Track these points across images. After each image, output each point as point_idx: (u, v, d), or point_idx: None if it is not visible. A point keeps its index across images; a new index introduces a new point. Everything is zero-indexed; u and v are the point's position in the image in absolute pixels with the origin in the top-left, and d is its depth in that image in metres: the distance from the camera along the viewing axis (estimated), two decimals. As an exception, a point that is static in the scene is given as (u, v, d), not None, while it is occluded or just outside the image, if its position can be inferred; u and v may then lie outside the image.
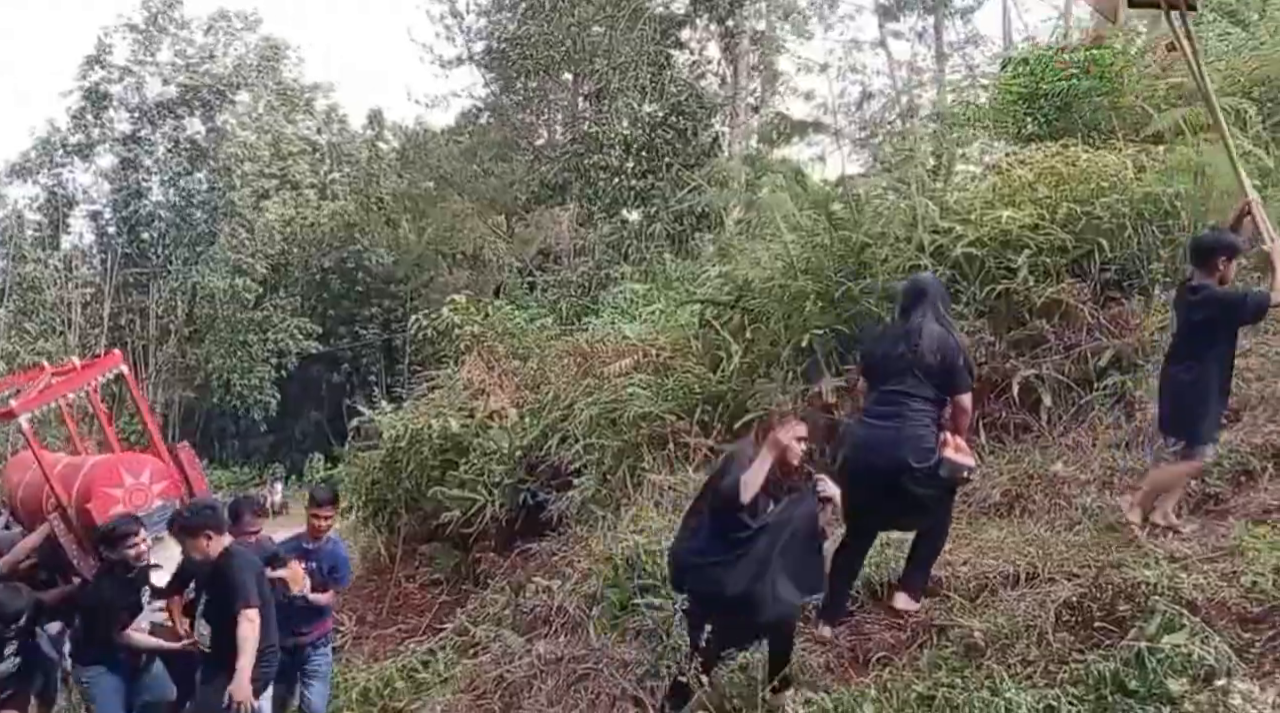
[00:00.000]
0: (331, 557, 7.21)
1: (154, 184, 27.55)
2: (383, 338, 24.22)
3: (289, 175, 25.26)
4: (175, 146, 27.42)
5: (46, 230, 25.12)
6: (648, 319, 11.56)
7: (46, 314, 20.85)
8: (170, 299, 22.78)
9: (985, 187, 8.53)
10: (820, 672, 5.35)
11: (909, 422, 5.30)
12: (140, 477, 7.55)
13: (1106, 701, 4.10)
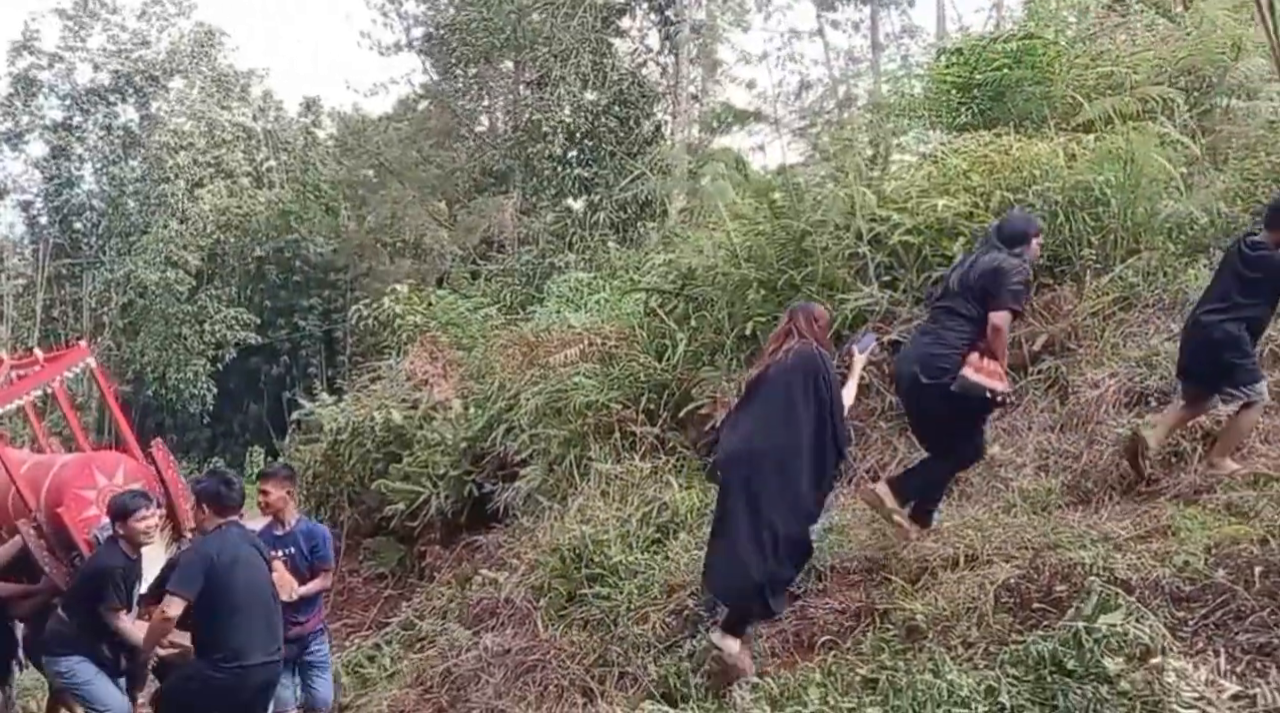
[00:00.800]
0: (308, 536, 6.65)
1: (86, 173, 26.91)
2: (323, 329, 23.90)
3: (223, 163, 24.80)
4: (108, 133, 26.80)
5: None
6: (593, 308, 11.57)
7: (-28, 306, 20.29)
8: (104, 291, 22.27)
9: (921, 175, 8.65)
10: (766, 656, 5.43)
11: (938, 339, 5.53)
12: (114, 477, 7.10)
13: (1045, 680, 4.17)
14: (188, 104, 26.18)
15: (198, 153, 24.21)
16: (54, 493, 6.93)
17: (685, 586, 6.24)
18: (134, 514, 6.10)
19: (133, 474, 7.16)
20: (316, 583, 6.63)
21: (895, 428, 7.19)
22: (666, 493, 7.42)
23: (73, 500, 6.86)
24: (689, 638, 5.78)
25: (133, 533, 6.13)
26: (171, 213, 23.41)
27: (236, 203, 23.92)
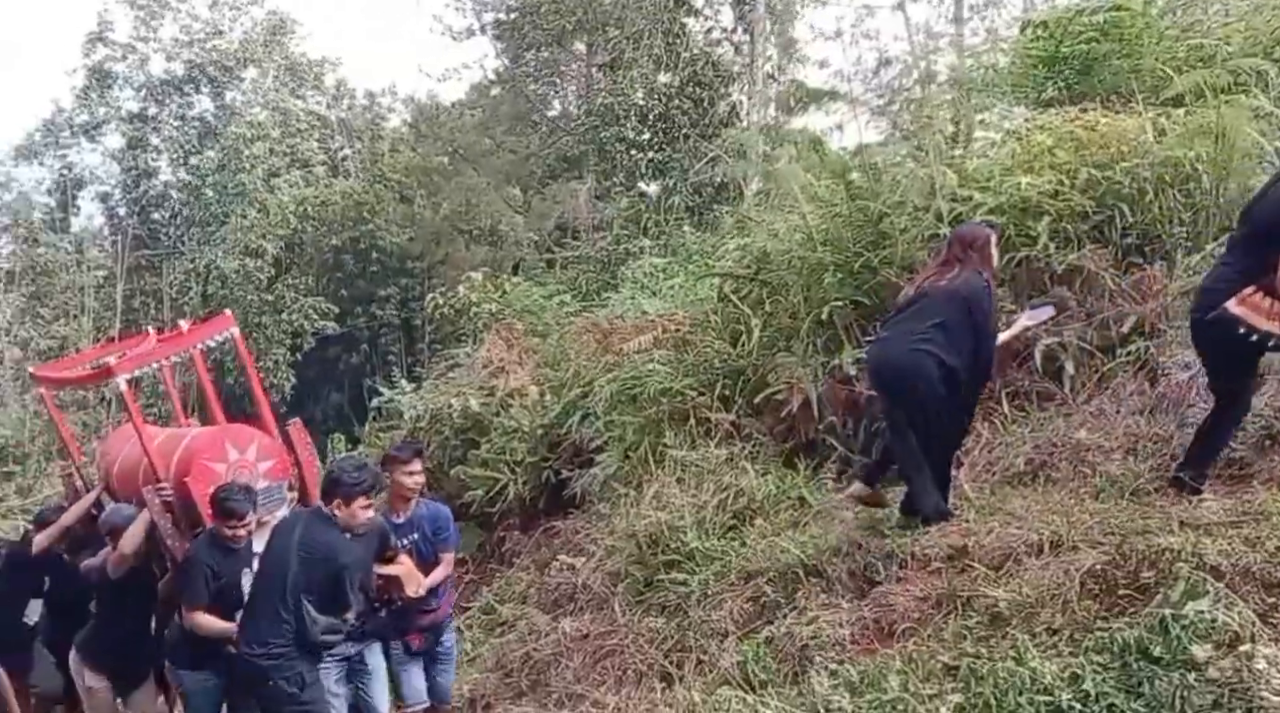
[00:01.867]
0: (432, 520, 6.27)
1: (163, 164, 27.32)
2: (401, 317, 24.18)
3: (299, 153, 25.17)
4: (183, 124, 27.26)
5: (56, 213, 25.05)
6: (667, 294, 11.54)
7: (60, 298, 20.84)
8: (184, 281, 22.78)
9: (1004, 153, 8.45)
10: (845, 644, 5.38)
11: (1217, 274, 5.44)
12: (246, 452, 6.69)
13: (1131, 668, 4.09)
14: (262, 93, 26.53)
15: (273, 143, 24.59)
16: (183, 463, 6.64)
17: (762, 572, 6.20)
18: (230, 517, 5.94)
19: (266, 451, 6.83)
20: (441, 570, 6.27)
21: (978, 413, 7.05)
22: (742, 479, 7.38)
23: (201, 471, 6.52)
24: (766, 624, 5.75)
25: (221, 535, 6.00)
26: (249, 202, 23.81)
27: (313, 193, 24.25)
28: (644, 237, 15.68)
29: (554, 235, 19.66)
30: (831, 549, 6.03)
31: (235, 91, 27.49)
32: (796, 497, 7.15)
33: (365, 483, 5.44)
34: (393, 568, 5.88)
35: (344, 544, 5.45)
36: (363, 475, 5.49)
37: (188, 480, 6.46)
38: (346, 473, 5.52)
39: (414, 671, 6.29)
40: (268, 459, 6.76)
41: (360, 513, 5.45)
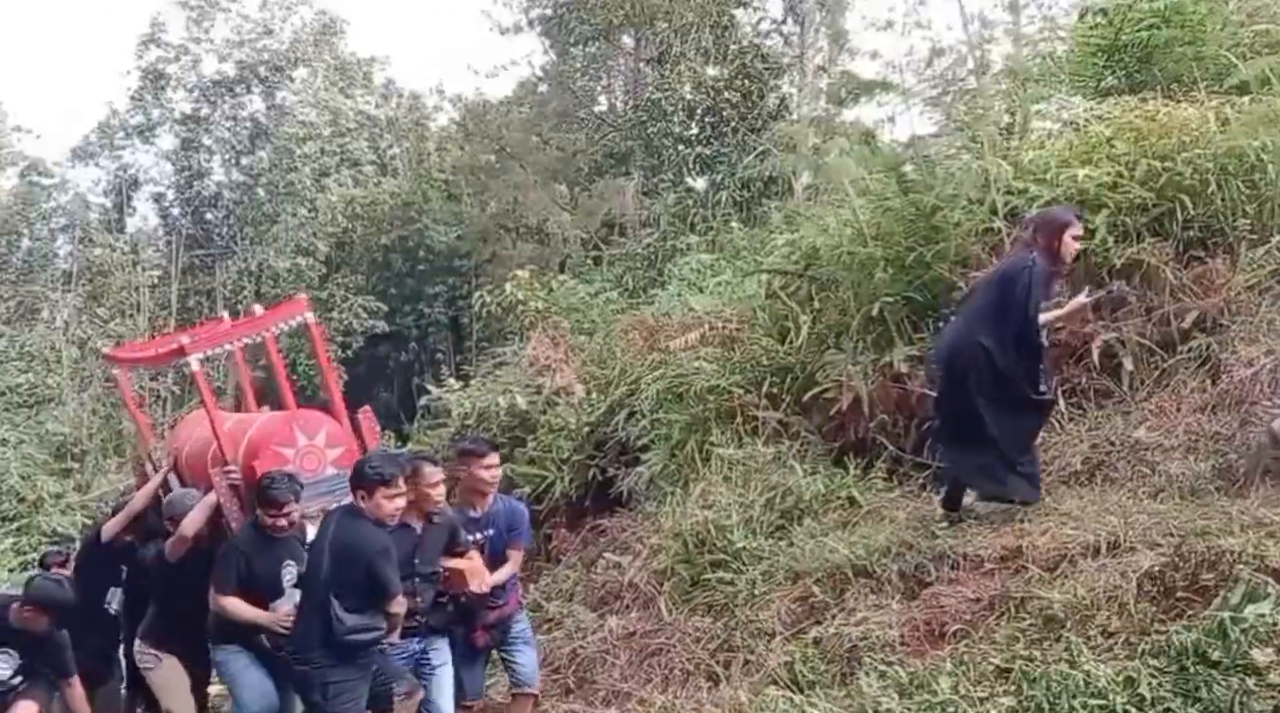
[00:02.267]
0: (508, 516, 6.11)
1: (215, 164, 27.70)
2: (448, 315, 24.30)
3: (348, 152, 25.41)
4: (235, 125, 27.60)
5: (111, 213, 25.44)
6: (715, 291, 11.46)
7: (116, 297, 21.19)
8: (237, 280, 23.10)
9: (1061, 145, 8.27)
10: (895, 645, 5.28)
11: None
12: (315, 438, 6.59)
13: (1189, 672, 3.99)
14: (312, 93, 26.78)
15: (324, 142, 24.83)
16: (252, 447, 6.56)
17: (810, 572, 6.11)
18: (271, 505, 5.83)
19: (335, 438, 6.69)
20: (508, 567, 6.10)
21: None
22: (790, 478, 7.29)
23: (269, 456, 6.42)
24: (814, 625, 5.67)
25: (261, 523, 5.90)
26: (300, 201, 24.08)
27: (362, 192, 24.46)
28: (691, 233, 15.61)
29: (601, 232, 19.63)
30: (881, 550, 5.93)
31: (286, 91, 27.76)
32: (846, 496, 7.05)
33: (384, 473, 5.30)
34: (458, 562, 5.74)
35: (372, 535, 5.30)
36: (382, 466, 5.38)
37: (255, 464, 6.36)
38: (367, 463, 5.47)
39: (477, 668, 6.19)
40: (336, 446, 6.64)
41: (385, 504, 5.30)
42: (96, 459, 17.38)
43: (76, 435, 17.72)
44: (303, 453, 6.50)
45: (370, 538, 5.29)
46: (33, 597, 6.01)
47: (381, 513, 5.30)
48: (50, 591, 6.10)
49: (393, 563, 5.27)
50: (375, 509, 5.30)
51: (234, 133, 27.43)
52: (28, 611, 5.97)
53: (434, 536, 5.65)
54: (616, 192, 19.75)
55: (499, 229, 21.50)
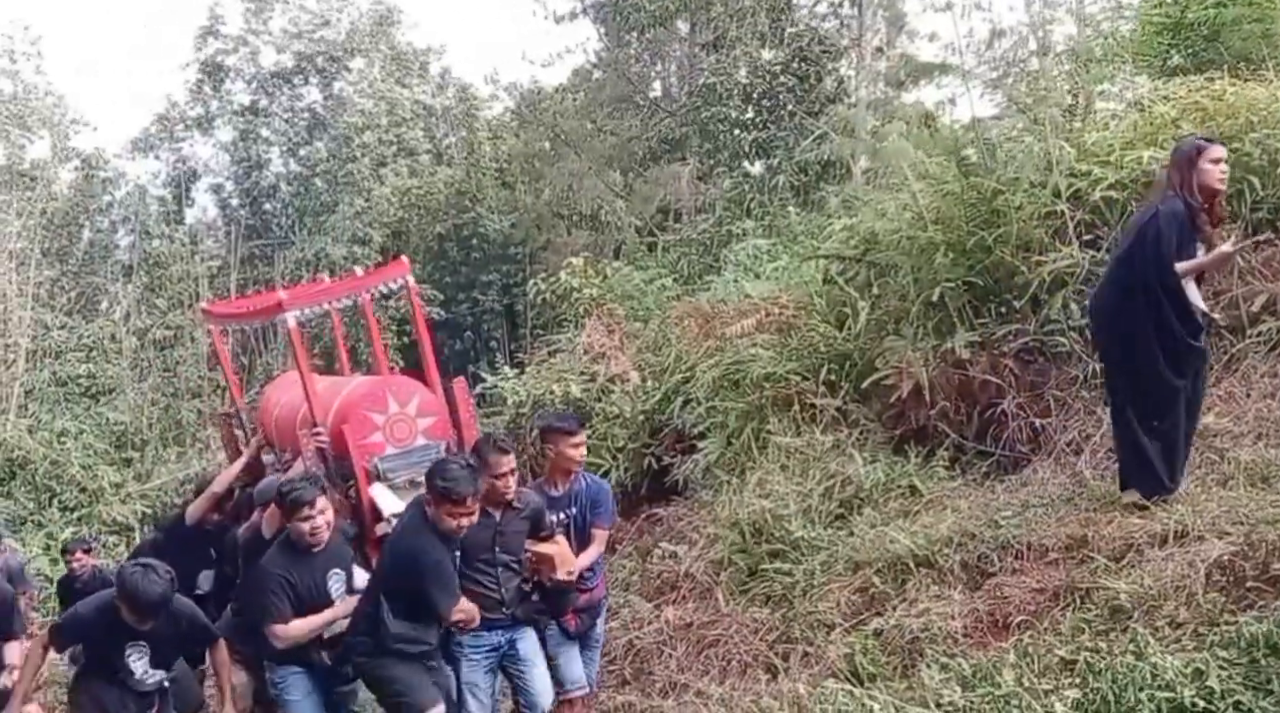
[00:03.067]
0: (592, 494, 5.72)
1: (273, 155, 27.98)
2: (503, 303, 24.41)
3: (405, 142, 25.57)
4: (293, 116, 27.86)
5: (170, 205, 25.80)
6: (771, 276, 11.38)
7: (174, 288, 21.52)
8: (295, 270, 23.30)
9: (1125, 126, 8.10)
10: (957, 637, 5.23)
11: None
12: (407, 405, 6.25)
13: (1259, 664, 3.90)
14: (369, 83, 26.97)
15: (381, 132, 25.00)
16: (342, 411, 6.25)
17: (871, 563, 6.07)
18: (298, 510, 5.23)
19: (427, 406, 6.33)
20: (595, 548, 5.75)
21: (1098, 397, 6.79)
22: (849, 467, 7.24)
23: (358, 421, 6.10)
24: (875, 616, 5.63)
25: (294, 536, 5.30)
26: (357, 191, 24.28)
27: (417, 182, 24.61)
28: (747, 218, 15.50)
29: (655, 218, 19.59)
30: (943, 539, 5.87)
31: (343, 82, 27.99)
32: (907, 485, 6.98)
33: (454, 492, 4.83)
34: (545, 547, 5.40)
35: (428, 548, 4.95)
36: (454, 484, 4.85)
37: (345, 429, 6.06)
38: (441, 474, 4.93)
39: (572, 654, 5.74)
40: (428, 416, 6.30)
41: (447, 520, 4.89)
42: (156, 449, 17.69)
43: (136, 425, 18.02)
44: (393, 420, 6.20)
45: (425, 552, 4.96)
46: (132, 599, 5.11)
47: (444, 527, 4.96)
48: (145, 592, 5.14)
49: (444, 580, 4.97)
50: (438, 521, 4.95)
51: (291, 124, 27.70)
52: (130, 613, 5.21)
53: (515, 522, 5.34)
54: (672, 177, 19.71)
55: (553, 217, 21.53)
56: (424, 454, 6.12)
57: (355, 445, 6.06)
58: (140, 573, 5.08)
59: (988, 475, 6.92)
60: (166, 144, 27.88)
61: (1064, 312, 7.10)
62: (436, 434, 6.31)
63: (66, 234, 24.52)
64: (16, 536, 13.96)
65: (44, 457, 16.05)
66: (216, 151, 28.02)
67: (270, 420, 7.33)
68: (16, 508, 15.32)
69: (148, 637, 5.22)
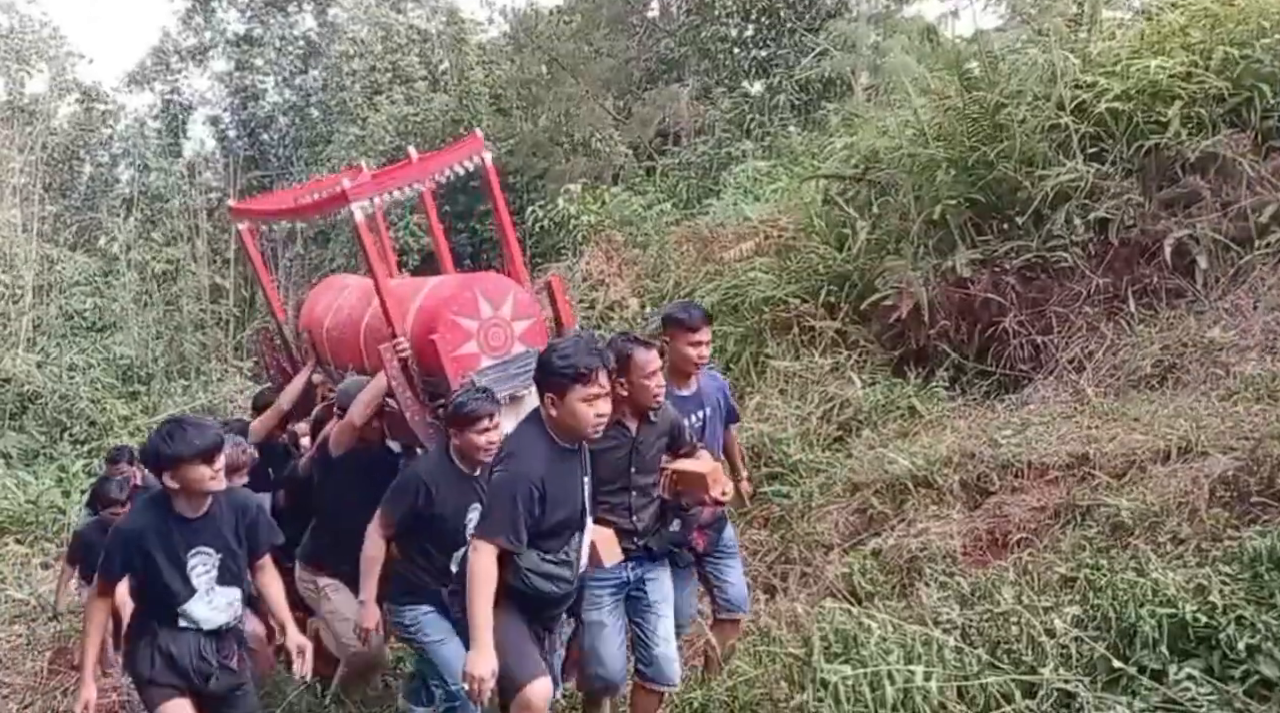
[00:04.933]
0: (718, 390, 5.05)
1: (269, 85, 27.57)
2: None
3: (400, 69, 25.13)
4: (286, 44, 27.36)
5: (167, 138, 25.52)
6: (771, 198, 11.22)
7: (173, 222, 21.33)
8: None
9: (1133, 34, 7.87)
10: (956, 555, 5.20)
11: None
12: (501, 308, 5.29)
13: (1262, 578, 3.85)
14: (363, 9, 26.45)
15: (375, 59, 24.59)
16: (425, 318, 5.30)
17: (869, 484, 6.04)
18: (472, 422, 4.47)
19: (523, 309, 5.40)
20: (735, 455, 5.27)
21: (1101, 313, 6.69)
22: (848, 389, 7.20)
23: (448, 330, 5.17)
24: (873, 536, 5.60)
25: (469, 446, 4.51)
26: (352, 120, 23.95)
27: (413, 109, 24.24)
28: (747, 139, 15.26)
29: (655, 142, 19.27)
30: (942, 459, 5.84)
31: (337, 8, 27.44)
32: (906, 406, 6.93)
33: (585, 363, 3.83)
34: (689, 464, 4.47)
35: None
36: (579, 353, 3.88)
37: (434, 338, 5.12)
38: (557, 352, 3.93)
39: (687, 588, 4.95)
40: (524, 319, 5.36)
41: (582, 406, 3.83)
42: (162, 381, 17.75)
43: (141, 358, 18.04)
44: (487, 326, 5.25)
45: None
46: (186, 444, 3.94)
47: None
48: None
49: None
50: (561, 425, 3.93)
51: (284, 53, 27.25)
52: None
53: (652, 436, 4.41)
54: (670, 99, 19.31)
55: (551, 144, 21.19)
56: (523, 364, 5.15)
57: (448, 358, 5.11)
58: (175, 422, 4.03)
59: (988, 395, 6.86)
60: (162, 77, 27.46)
61: (1067, 227, 6.96)
62: (533, 340, 5.33)
63: (68, 169, 24.26)
64: (29, 469, 14.01)
65: (53, 391, 16.08)
66: (212, 83, 27.63)
67: (321, 333, 6.41)
68: (29, 441, 15.39)
69: (211, 538, 4.08)
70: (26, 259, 18.54)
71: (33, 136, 21.28)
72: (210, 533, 4.08)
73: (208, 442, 3.92)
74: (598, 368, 3.84)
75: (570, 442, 3.88)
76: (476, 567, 3.71)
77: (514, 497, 3.74)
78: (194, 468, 3.91)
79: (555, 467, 3.83)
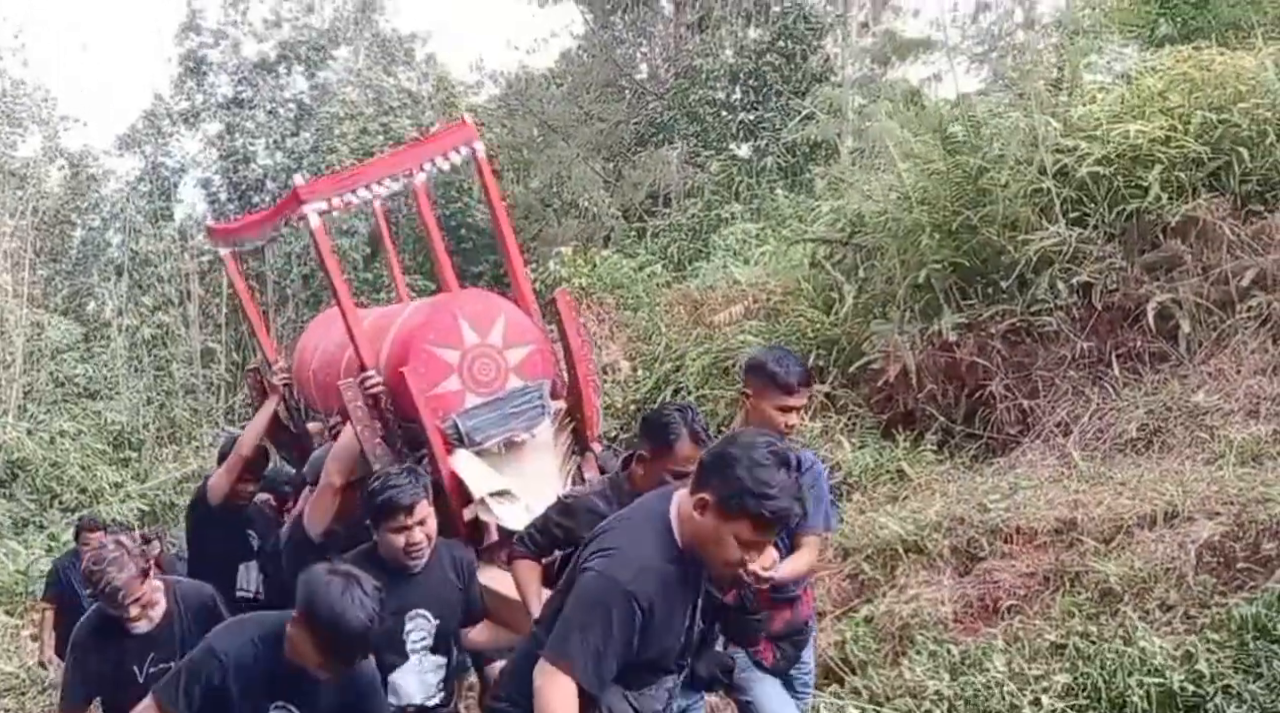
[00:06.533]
0: (810, 478, 3.48)
1: (259, 148, 27.75)
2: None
3: (391, 130, 25.43)
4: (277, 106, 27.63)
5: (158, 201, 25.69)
6: (759, 261, 11.33)
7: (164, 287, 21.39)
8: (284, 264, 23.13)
9: (1113, 98, 8.01)
10: (948, 622, 5.20)
11: None
12: (489, 334, 4.33)
13: (1248, 647, 3.89)
14: (354, 72, 26.77)
15: (366, 120, 24.84)
16: (399, 347, 4.36)
17: (860, 549, 6.03)
18: (388, 518, 3.51)
19: (518, 333, 4.43)
20: (804, 556, 3.74)
21: (1086, 377, 6.74)
22: (838, 452, 7.20)
23: (423, 361, 4.22)
24: (865, 603, 5.59)
25: (386, 547, 3.57)
26: (343, 181, 24.17)
27: (405, 171, 24.51)
28: (735, 201, 15.43)
29: (645, 204, 19.49)
30: (932, 524, 5.84)
31: (328, 71, 27.79)
32: (895, 470, 6.95)
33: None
34: None
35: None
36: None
37: (406, 373, 4.15)
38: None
39: (771, 692, 3.83)
40: (521, 345, 4.40)
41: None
42: (153, 448, 17.73)
43: (133, 425, 18.03)
44: (472, 356, 4.29)
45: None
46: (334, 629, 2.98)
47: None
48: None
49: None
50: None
51: (276, 115, 27.52)
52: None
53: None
54: (660, 162, 19.59)
55: (542, 206, 21.42)
56: (521, 402, 4.31)
57: (422, 397, 4.15)
58: (341, 585, 2.97)
59: (976, 458, 6.89)
60: (153, 140, 27.69)
61: (1051, 291, 7.03)
62: (535, 370, 4.42)
63: (59, 233, 24.38)
64: (19, 538, 13.91)
65: (44, 458, 16.03)
66: (204, 146, 27.84)
67: (308, 374, 5.42)
68: (19, 510, 15.31)
69: (306, 700, 3.17)
70: (17, 324, 18.57)
71: (23, 200, 21.40)
72: (306, 694, 3.16)
73: (361, 626, 2.99)
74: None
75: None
76: (552, 703, 2.65)
77: (609, 618, 2.68)
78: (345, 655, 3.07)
79: (671, 583, 2.76)
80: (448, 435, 4.26)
